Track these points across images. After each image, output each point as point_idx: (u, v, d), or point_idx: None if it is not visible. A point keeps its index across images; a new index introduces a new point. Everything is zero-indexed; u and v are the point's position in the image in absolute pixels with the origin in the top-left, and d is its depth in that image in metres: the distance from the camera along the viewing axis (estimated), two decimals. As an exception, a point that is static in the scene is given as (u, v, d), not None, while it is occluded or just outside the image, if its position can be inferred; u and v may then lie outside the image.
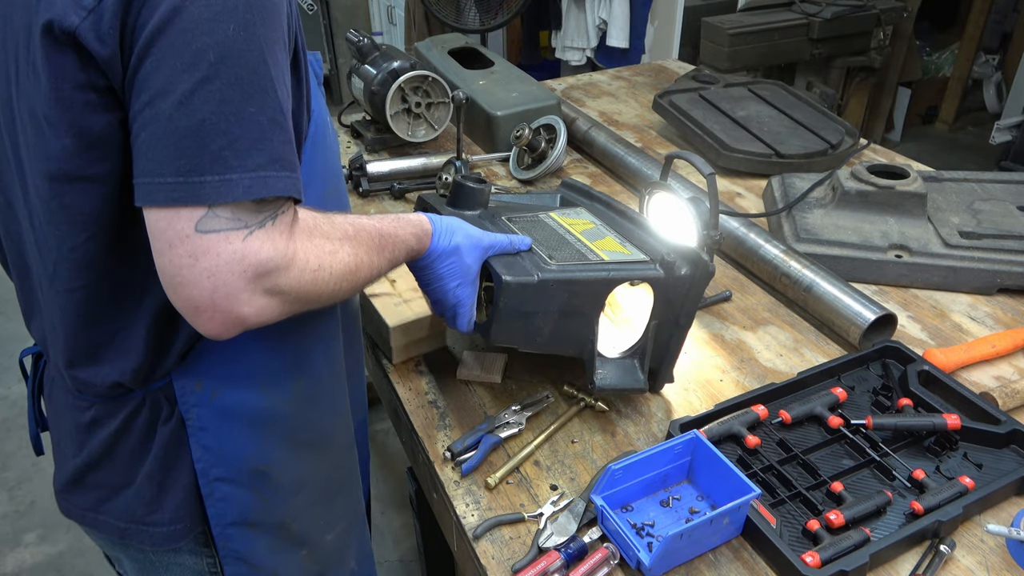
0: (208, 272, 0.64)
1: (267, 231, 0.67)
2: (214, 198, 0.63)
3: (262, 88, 0.65)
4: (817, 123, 1.89)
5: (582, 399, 1.12)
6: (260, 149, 0.64)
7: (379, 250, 0.84)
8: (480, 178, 1.14)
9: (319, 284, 0.73)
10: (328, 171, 0.88)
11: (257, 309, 0.68)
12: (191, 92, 0.61)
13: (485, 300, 1.00)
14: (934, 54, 4.67)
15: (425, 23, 4.09)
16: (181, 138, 0.62)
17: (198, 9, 0.61)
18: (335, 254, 0.76)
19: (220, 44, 0.62)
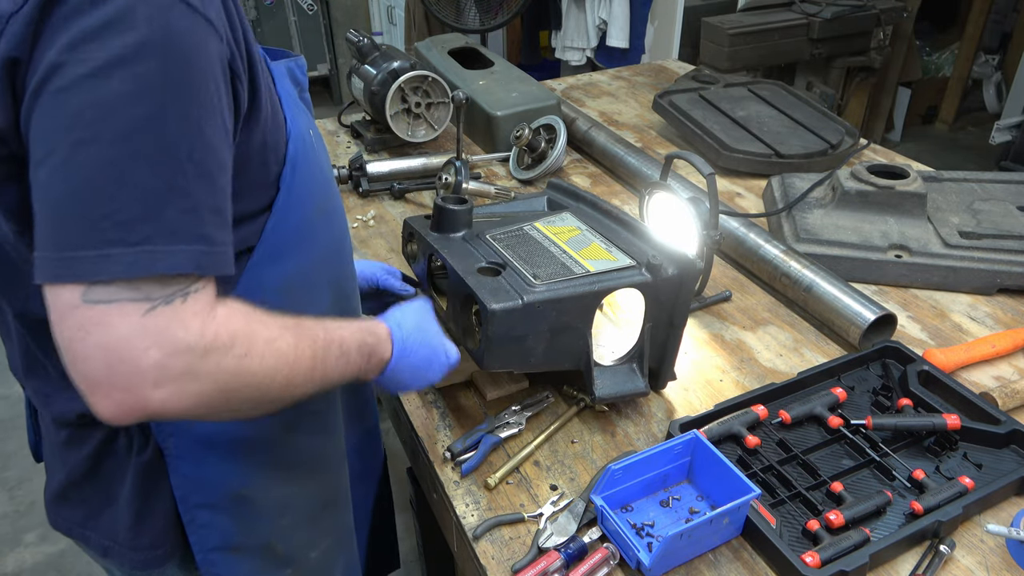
0: (101, 346, 0.57)
1: (175, 308, 0.59)
2: (90, 275, 0.56)
3: (161, 148, 0.57)
4: (817, 123, 1.89)
5: (582, 399, 1.12)
6: (149, 219, 0.57)
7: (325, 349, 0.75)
8: (461, 198, 1.14)
9: (245, 373, 0.64)
10: (316, 190, 0.82)
11: (165, 396, 0.59)
12: (67, 156, 0.55)
13: (475, 325, 1.00)
14: (934, 54, 4.67)
15: (425, 23, 4.08)
16: (56, 207, 0.56)
17: (75, 65, 0.55)
18: (271, 342, 0.67)
19: (102, 101, 0.55)
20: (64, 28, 0.55)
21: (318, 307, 0.87)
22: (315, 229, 0.83)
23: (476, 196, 1.63)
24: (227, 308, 0.65)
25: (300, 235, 0.80)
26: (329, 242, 0.87)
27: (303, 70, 0.89)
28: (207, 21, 0.60)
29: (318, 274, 0.86)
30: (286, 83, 0.82)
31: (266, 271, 0.77)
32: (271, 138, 0.73)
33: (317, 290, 0.87)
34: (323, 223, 0.84)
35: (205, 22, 0.59)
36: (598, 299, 1.01)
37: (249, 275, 0.76)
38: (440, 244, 1.08)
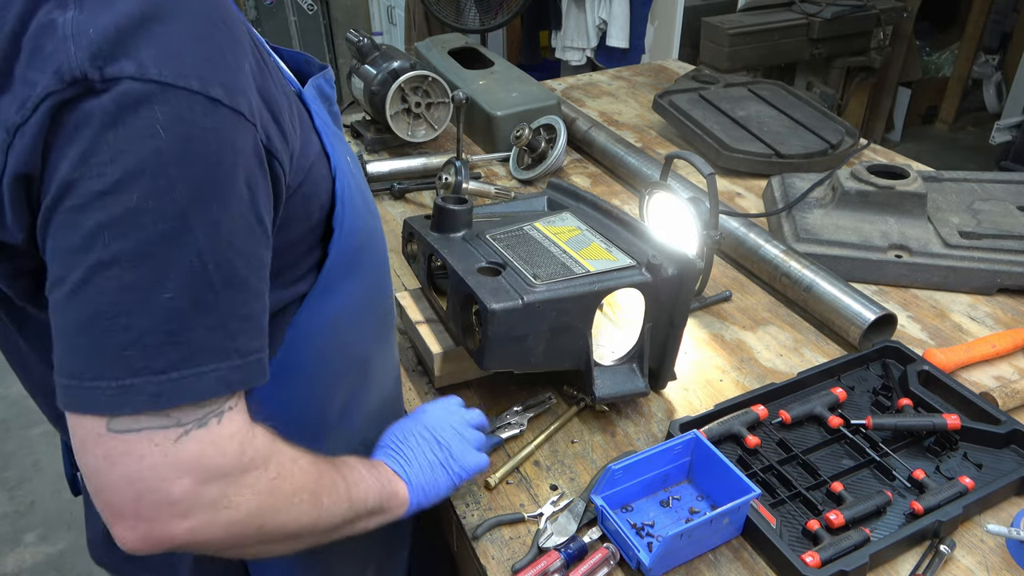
0: (129, 479, 0.53)
1: (210, 431, 0.55)
2: (113, 408, 0.52)
3: (185, 264, 0.52)
4: (817, 123, 1.89)
5: (582, 399, 1.12)
6: (175, 343, 0.53)
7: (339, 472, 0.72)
8: (461, 198, 1.14)
9: (278, 494, 0.61)
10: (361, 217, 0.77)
11: (193, 526, 0.56)
12: (83, 281, 0.51)
13: (475, 325, 1.00)
14: (934, 54, 4.67)
15: (425, 23, 4.09)
16: (75, 334, 0.52)
17: (89, 181, 0.50)
18: (296, 460, 0.64)
19: (119, 220, 0.50)
20: (76, 138, 0.51)
21: (367, 332, 0.84)
22: (362, 255, 0.79)
23: (476, 196, 1.63)
24: (262, 430, 0.62)
25: (348, 267, 0.76)
26: (373, 263, 0.83)
27: (331, 82, 0.83)
28: (236, 113, 0.54)
29: (365, 299, 0.82)
30: (319, 108, 0.76)
31: (316, 310, 0.73)
32: (311, 188, 0.68)
33: (365, 315, 0.84)
34: (368, 245, 0.80)
35: (234, 115, 0.54)
36: (598, 299, 1.01)
37: (299, 319, 0.72)
38: (440, 244, 1.08)
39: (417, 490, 0.83)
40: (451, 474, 0.87)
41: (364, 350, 0.85)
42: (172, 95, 0.51)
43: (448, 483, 0.87)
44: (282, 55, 0.86)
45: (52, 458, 2.61)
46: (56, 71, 0.50)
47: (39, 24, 0.52)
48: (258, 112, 0.57)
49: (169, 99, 0.51)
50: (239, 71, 0.56)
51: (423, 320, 1.18)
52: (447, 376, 1.15)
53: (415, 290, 1.26)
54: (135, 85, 0.50)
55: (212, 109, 0.53)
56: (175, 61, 0.52)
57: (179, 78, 0.52)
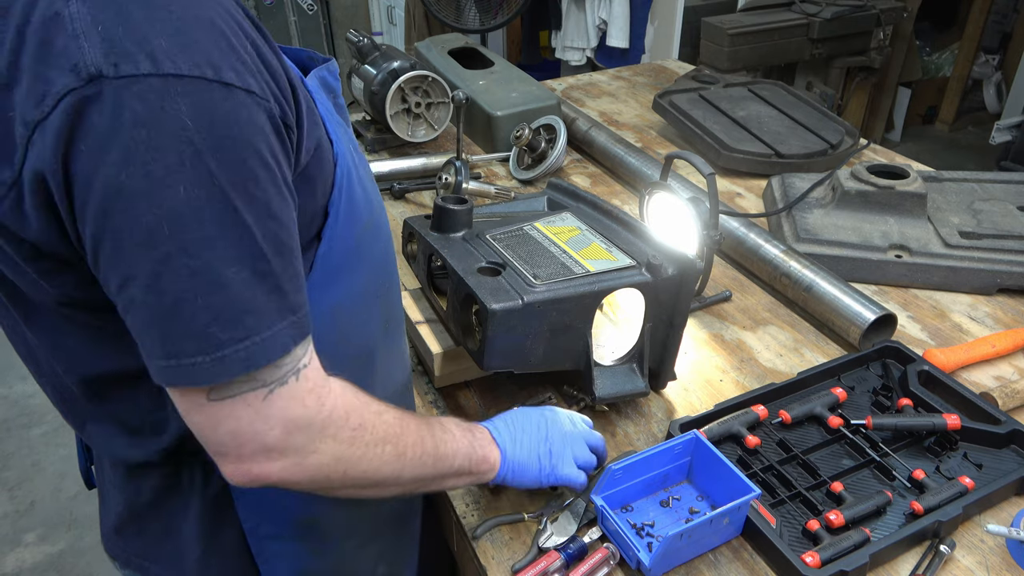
0: (231, 434, 0.62)
1: (291, 388, 0.63)
2: (211, 379, 0.58)
3: (237, 239, 0.57)
4: (817, 123, 1.89)
5: (582, 399, 1.12)
6: (249, 311, 0.58)
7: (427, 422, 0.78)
8: (461, 198, 1.14)
9: (360, 443, 0.68)
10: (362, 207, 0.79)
11: (285, 467, 0.64)
12: (156, 274, 0.55)
13: (475, 325, 1.00)
14: (934, 54, 4.67)
15: (425, 23, 4.09)
16: (161, 322, 0.57)
17: (137, 181, 0.53)
18: (380, 414, 0.71)
19: (174, 212, 0.54)
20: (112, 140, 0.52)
21: (370, 323, 0.85)
22: (362, 246, 0.80)
23: (476, 196, 1.63)
24: (340, 382, 0.68)
25: (348, 258, 0.78)
26: (376, 256, 0.85)
27: (335, 74, 0.85)
28: (248, 92, 0.57)
29: (368, 291, 0.84)
30: (322, 97, 0.78)
31: (315, 300, 0.74)
32: (316, 170, 0.70)
33: (368, 307, 0.85)
34: (370, 238, 0.82)
35: (246, 95, 0.57)
36: (598, 299, 1.01)
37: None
38: (440, 244, 1.08)
39: (509, 464, 0.88)
40: (542, 471, 0.90)
41: (368, 341, 0.86)
42: (191, 86, 0.54)
43: (535, 477, 0.90)
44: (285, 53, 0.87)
45: (52, 458, 2.61)
46: (73, 68, 0.52)
47: (44, 16, 0.53)
48: (268, 88, 0.60)
49: (189, 90, 0.54)
50: (243, 50, 0.58)
51: (423, 320, 1.18)
52: (447, 376, 1.15)
53: (415, 290, 1.26)
54: (154, 81, 0.53)
55: (228, 93, 0.56)
56: (187, 51, 0.54)
57: (194, 68, 0.54)
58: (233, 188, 0.56)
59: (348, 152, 0.77)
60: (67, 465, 2.58)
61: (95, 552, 2.28)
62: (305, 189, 0.69)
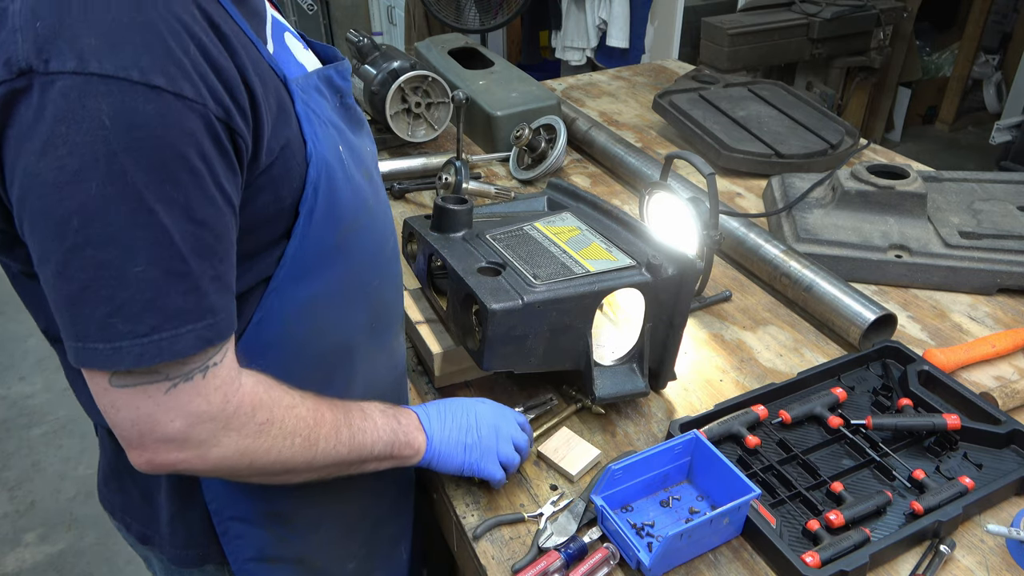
0: (131, 421, 0.64)
1: (196, 384, 0.64)
2: (108, 366, 0.61)
3: (149, 239, 0.58)
4: (817, 123, 1.89)
5: (580, 399, 1.12)
6: (153, 309, 0.60)
7: (346, 411, 0.79)
8: (461, 198, 1.14)
9: (266, 437, 0.70)
10: (344, 208, 0.78)
11: (188, 457, 0.66)
12: (64, 262, 0.58)
13: (475, 325, 1.00)
14: (934, 54, 4.67)
15: (425, 23, 4.09)
16: (68, 306, 0.59)
17: (53, 173, 0.56)
18: (291, 408, 0.73)
19: (84, 207, 0.56)
20: (34, 131, 0.56)
21: (350, 320, 0.85)
22: (346, 246, 0.80)
23: (476, 196, 1.63)
24: (252, 378, 0.70)
25: (325, 256, 0.78)
26: (363, 256, 0.84)
27: (344, 75, 0.85)
28: (179, 97, 0.58)
29: (350, 288, 0.83)
30: (316, 98, 0.77)
31: (288, 293, 0.76)
32: (281, 169, 0.70)
33: (350, 304, 0.84)
34: (355, 238, 0.81)
35: (177, 99, 0.58)
36: (598, 299, 1.01)
37: (269, 299, 0.75)
38: (440, 244, 1.08)
39: (435, 451, 0.90)
40: (465, 462, 0.92)
41: (347, 339, 0.86)
42: (115, 87, 0.55)
43: (458, 465, 0.92)
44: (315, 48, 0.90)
45: (52, 458, 2.61)
46: (6, 62, 0.55)
47: None
48: (210, 92, 0.60)
49: (112, 90, 0.55)
50: (183, 54, 0.59)
51: (423, 320, 1.18)
52: (447, 376, 1.15)
53: (415, 290, 1.26)
54: (78, 79, 0.55)
55: (154, 96, 0.57)
56: (115, 52, 0.56)
57: (119, 69, 0.56)
58: (149, 189, 0.58)
59: (332, 154, 0.76)
60: (67, 465, 2.58)
61: (95, 552, 2.28)
62: (268, 188, 0.70)
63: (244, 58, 0.65)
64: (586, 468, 1.01)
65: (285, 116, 0.70)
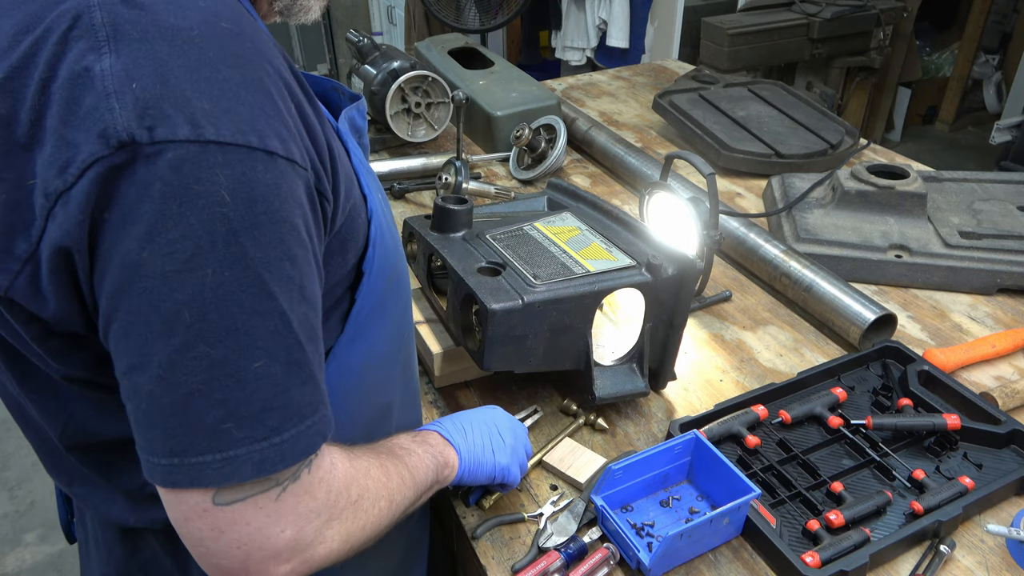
0: (238, 543, 0.54)
1: (303, 483, 0.56)
2: (218, 481, 0.51)
3: (271, 328, 0.51)
4: (817, 123, 1.89)
5: (581, 415, 1.10)
6: (275, 408, 0.52)
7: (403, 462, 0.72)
8: (461, 198, 1.14)
9: (361, 513, 0.63)
10: (389, 260, 0.73)
11: (293, 567, 0.57)
12: (170, 365, 0.49)
13: (475, 325, 1.00)
14: (934, 54, 4.67)
15: (425, 23, 4.09)
16: (168, 417, 0.50)
17: (161, 260, 0.47)
18: (369, 471, 0.65)
19: (198, 298, 0.48)
20: (138, 213, 0.47)
21: (391, 376, 0.82)
22: (387, 301, 0.75)
23: (476, 196, 1.63)
24: (335, 453, 0.62)
25: (376, 312, 0.73)
26: (399, 305, 0.80)
27: (363, 113, 0.79)
28: (290, 162, 0.52)
29: (392, 342, 0.80)
30: (354, 145, 0.71)
31: (344, 358, 0.71)
32: (348, 232, 0.65)
33: (391, 359, 0.81)
34: (393, 292, 0.76)
35: (289, 164, 0.52)
36: (598, 299, 1.01)
37: (330, 366, 0.69)
38: (440, 244, 1.08)
39: (466, 462, 0.83)
40: (496, 467, 0.87)
41: (389, 396, 0.83)
42: (233, 155, 0.48)
43: (489, 473, 0.86)
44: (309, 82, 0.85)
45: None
46: (101, 134, 0.46)
47: (72, 72, 0.47)
48: (308, 155, 0.55)
49: (231, 160, 0.48)
50: (288, 114, 0.53)
51: (423, 320, 1.18)
52: (447, 376, 1.15)
53: (415, 290, 1.26)
54: (192, 148, 0.47)
55: (272, 164, 0.50)
56: (230, 115, 0.49)
57: (237, 135, 0.49)
58: (269, 271, 0.51)
59: (380, 205, 0.71)
60: (67, 465, 2.58)
61: (95, 552, 2.27)
62: (338, 252, 0.64)
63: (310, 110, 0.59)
64: (593, 476, 1.01)
65: (348, 174, 0.64)
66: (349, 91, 0.81)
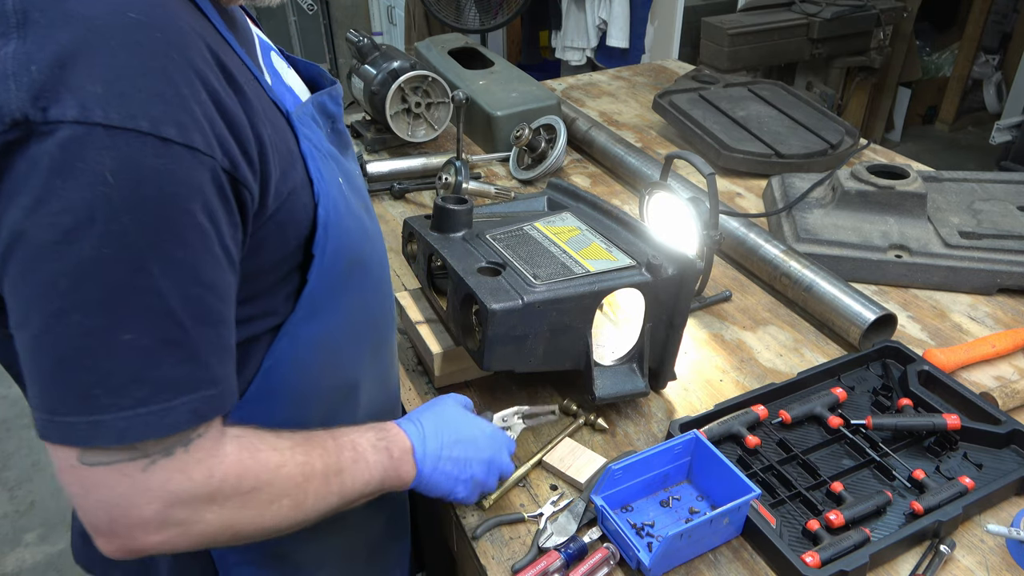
0: (104, 505, 0.57)
1: (176, 460, 0.58)
2: (84, 441, 0.54)
3: (145, 305, 0.53)
4: (817, 123, 1.89)
5: (581, 415, 1.10)
6: (143, 380, 0.54)
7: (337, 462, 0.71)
8: (461, 198, 1.14)
9: (252, 506, 0.63)
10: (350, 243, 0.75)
11: (166, 539, 0.59)
12: (45, 328, 0.52)
13: (475, 325, 1.00)
14: (934, 54, 4.67)
15: (425, 23, 4.09)
16: (45, 375, 0.54)
17: (42, 230, 0.50)
18: (279, 468, 0.65)
19: (75, 269, 0.51)
20: (25, 185, 0.50)
21: (356, 354, 0.83)
22: (352, 279, 0.77)
23: (476, 196, 1.63)
24: (236, 443, 0.63)
25: (335, 291, 0.75)
26: (368, 286, 0.82)
27: (337, 99, 0.81)
28: (191, 149, 0.54)
29: (357, 322, 0.81)
30: (311, 130, 0.73)
31: (299, 335, 0.73)
32: (287, 215, 0.67)
33: (357, 338, 0.82)
34: (360, 270, 0.78)
35: (188, 151, 0.53)
36: (598, 299, 1.01)
37: (280, 344, 0.72)
38: (440, 244, 1.08)
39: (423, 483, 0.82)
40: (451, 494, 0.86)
41: (352, 374, 0.83)
42: (120, 138, 0.50)
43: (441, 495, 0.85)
44: (296, 64, 0.85)
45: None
46: None
47: None
48: (219, 142, 0.56)
49: (117, 143, 0.50)
50: (194, 102, 0.54)
51: (423, 320, 1.18)
52: (447, 376, 1.15)
53: (415, 290, 1.26)
54: (79, 129, 0.49)
55: (164, 149, 0.52)
56: (122, 99, 0.51)
57: (127, 119, 0.51)
58: (150, 251, 0.53)
59: (335, 189, 0.73)
60: (67, 465, 2.58)
61: (95, 552, 2.27)
62: (275, 234, 0.66)
63: (252, 98, 0.61)
64: (593, 476, 1.01)
65: (292, 158, 0.67)
66: (330, 77, 0.84)
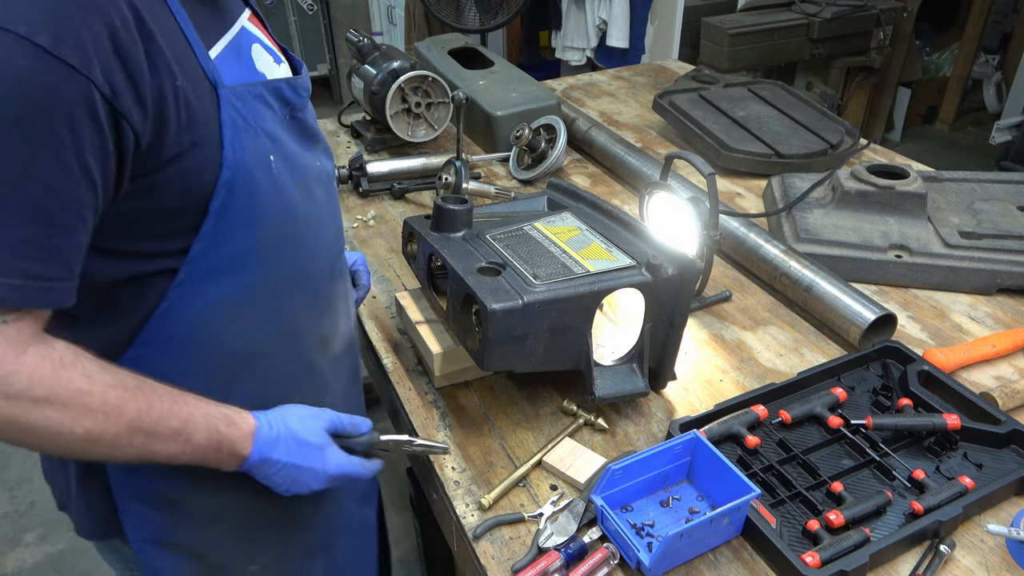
0: None
1: None
2: None
3: None
4: (817, 123, 1.89)
5: (581, 415, 1.11)
6: None
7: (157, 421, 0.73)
8: (461, 198, 1.14)
9: (38, 417, 0.66)
10: (267, 216, 0.80)
11: None
12: None
13: (475, 325, 1.00)
14: (934, 54, 4.67)
15: (425, 23, 4.09)
16: None
17: None
18: (80, 395, 0.68)
19: None
20: None
21: (262, 329, 0.85)
22: (264, 254, 0.81)
23: (476, 196, 1.63)
24: (47, 352, 0.66)
25: (241, 259, 0.79)
26: (285, 267, 0.85)
27: (299, 90, 0.87)
28: (62, 62, 0.60)
29: (265, 297, 0.84)
30: (252, 107, 0.79)
31: (198, 290, 0.77)
32: (192, 165, 0.72)
33: (264, 313, 0.85)
34: (276, 248, 0.83)
35: (59, 63, 0.60)
36: (598, 299, 1.01)
37: (177, 292, 0.76)
38: (440, 244, 1.08)
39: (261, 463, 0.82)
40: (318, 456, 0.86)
41: (255, 347, 0.86)
42: None
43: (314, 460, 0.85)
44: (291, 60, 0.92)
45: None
46: None
47: None
48: (101, 68, 0.62)
49: None
50: (82, 26, 0.61)
51: (423, 320, 1.18)
52: (447, 376, 1.15)
53: (415, 290, 1.26)
54: None
55: (34, 54, 0.59)
56: (10, 5, 0.59)
57: (7, 21, 0.59)
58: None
59: (258, 161, 0.78)
60: (67, 465, 2.58)
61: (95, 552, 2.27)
62: (177, 179, 0.71)
63: (167, 54, 0.68)
64: (593, 476, 1.01)
65: (204, 116, 0.72)
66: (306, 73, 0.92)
